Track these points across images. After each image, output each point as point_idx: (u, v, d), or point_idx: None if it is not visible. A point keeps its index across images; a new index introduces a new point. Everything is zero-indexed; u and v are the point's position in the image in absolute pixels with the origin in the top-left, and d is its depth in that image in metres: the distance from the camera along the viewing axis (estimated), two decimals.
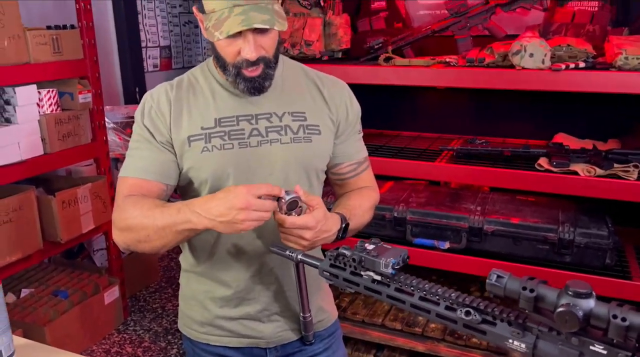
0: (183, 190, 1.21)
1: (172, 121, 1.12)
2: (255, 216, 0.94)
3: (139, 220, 1.03)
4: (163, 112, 1.13)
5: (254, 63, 1.06)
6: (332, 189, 1.37)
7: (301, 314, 1.17)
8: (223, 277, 1.20)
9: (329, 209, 1.11)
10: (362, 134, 1.31)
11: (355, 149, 1.29)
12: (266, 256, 1.18)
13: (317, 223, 1.01)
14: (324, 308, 1.32)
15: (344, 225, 1.11)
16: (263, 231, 1.14)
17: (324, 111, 1.21)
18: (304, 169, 1.18)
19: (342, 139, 1.25)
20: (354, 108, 1.26)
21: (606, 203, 2.07)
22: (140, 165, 1.12)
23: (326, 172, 1.28)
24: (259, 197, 0.96)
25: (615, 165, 1.96)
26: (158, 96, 1.15)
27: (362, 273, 0.86)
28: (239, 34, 1.02)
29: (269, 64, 1.09)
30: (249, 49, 1.04)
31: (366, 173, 1.32)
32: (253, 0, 1.01)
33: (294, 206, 1.00)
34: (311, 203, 1.03)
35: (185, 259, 1.27)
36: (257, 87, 1.10)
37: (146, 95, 1.17)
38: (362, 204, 1.23)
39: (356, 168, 1.29)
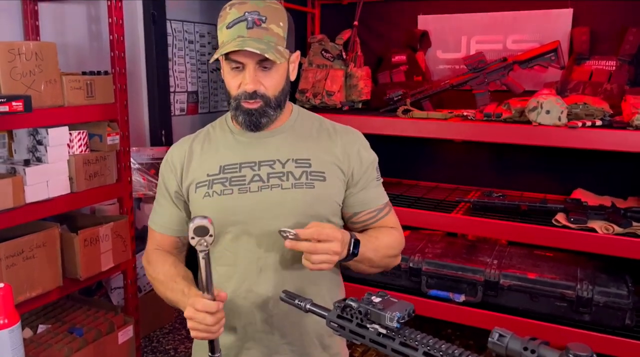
0: None
1: (184, 171, 1.21)
2: (200, 327, 1.02)
3: (158, 284, 1.21)
4: (175, 164, 1.23)
5: (251, 96, 1.10)
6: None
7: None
8: (230, 322, 1.19)
9: None
10: (380, 181, 1.28)
11: (373, 196, 1.26)
12: (270, 305, 1.18)
13: (338, 232, 1.03)
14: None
15: (353, 239, 1.09)
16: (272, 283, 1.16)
17: (332, 160, 1.20)
18: (305, 216, 1.15)
19: (359, 188, 1.23)
20: (368, 156, 1.25)
21: (626, 261, 2.04)
22: (161, 222, 1.26)
23: (345, 223, 1.26)
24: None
25: (634, 223, 1.94)
26: (174, 149, 1.26)
27: (368, 326, 0.87)
28: (243, 67, 1.09)
29: (269, 103, 1.13)
30: (247, 79, 1.09)
31: (387, 218, 1.28)
32: (257, 35, 1.07)
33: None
34: (311, 228, 1.04)
35: None
36: (253, 121, 1.13)
37: (170, 149, 1.28)
38: (379, 236, 1.20)
39: (376, 215, 1.26)
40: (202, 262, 1.00)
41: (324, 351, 1.25)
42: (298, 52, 1.20)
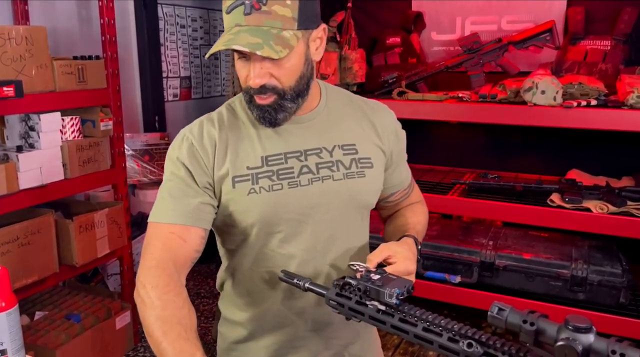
0: (224, 234, 1.11)
1: (216, 161, 1.02)
2: None
3: (152, 322, 0.90)
4: (207, 151, 1.02)
5: (260, 91, 0.97)
6: (378, 213, 1.28)
7: None
8: (274, 324, 1.12)
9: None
10: (406, 157, 1.24)
11: (405, 174, 1.23)
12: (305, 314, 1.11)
13: (413, 263, 0.98)
14: (374, 354, 1.25)
15: (419, 247, 1.06)
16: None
17: (374, 142, 1.12)
18: (358, 206, 1.10)
19: (396, 166, 1.18)
20: (402, 133, 1.20)
21: (620, 240, 2.06)
22: (180, 211, 0.99)
23: (378, 202, 1.21)
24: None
25: (629, 202, 1.95)
26: (200, 133, 1.04)
27: (368, 303, 0.87)
28: (250, 57, 0.95)
29: (283, 96, 0.98)
30: (252, 74, 0.96)
31: (415, 191, 1.26)
32: (256, 22, 0.92)
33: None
34: (384, 257, 0.97)
35: (227, 306, 1.19)
36: (267, 118, 1.00)
37: (185, 132, 1.06)
38: (420, 220, 1.18)
39: (407, 191, 1.24)
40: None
41: (363, 337, 1.22)
42: (323, 27, 1.02)
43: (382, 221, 1.31)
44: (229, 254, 1.14)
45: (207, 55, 0.97)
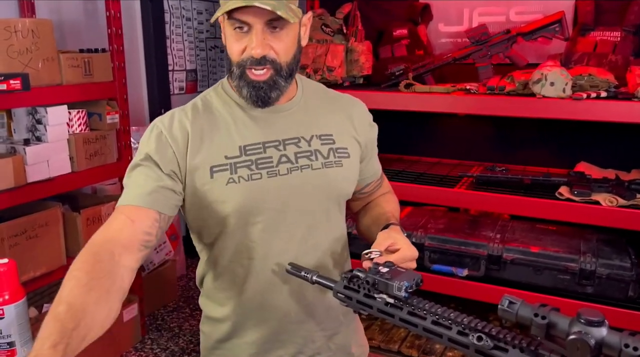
0: (202, 228, 1.09)
1: (189, 150, 1.02)
2: None
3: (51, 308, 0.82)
4: (176, 139, 1.02)
5: (259, 62, 0.96)
6: (349, 205, 1.29)
7: None
8: (257, 318, 1.11)
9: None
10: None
11: (378, 165, 1.27)
12: (300, 299, 1.12)
13: (415, 250, 1.00)
14: (359, 342, 1.27)
15: (405, 234, 1.08)
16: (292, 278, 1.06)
17: (349, 133, 1.15)
18: (336, 195, 1.12)
19: (369, 158, 1.22)
20: (374, 125, 1.24)
21: (629, 234, 2.04)
22: (138, 192, 0.98)
23: (354, 193, 1.24)
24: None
25: (638, 195, 1.93)
26: (170, 122, 1.04)
27: (376, 296, 0.87)
28: (250, 28, 0.95)
29: (279, 71, 0.99)
30: (254, 43, 0.95)
31: (385, 182, 1.32)
32: None
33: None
34: (388, 245, 0.99)
35: (208, 303, 1.18)
36: (260, 96, 1.00)
37: (155, 121, 1.06)
38: (392, 209, 1.20)
39: (380, 182, 1.29)
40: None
41: (347, 326, 1.23)
42: (310, 14, 1.07)
43: (352, 214, 1.31)
44: (207, 248, 1.13)
45: (214, 18, 0.96)
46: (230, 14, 0.95)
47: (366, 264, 0.95)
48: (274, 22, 0.95)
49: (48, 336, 0.76)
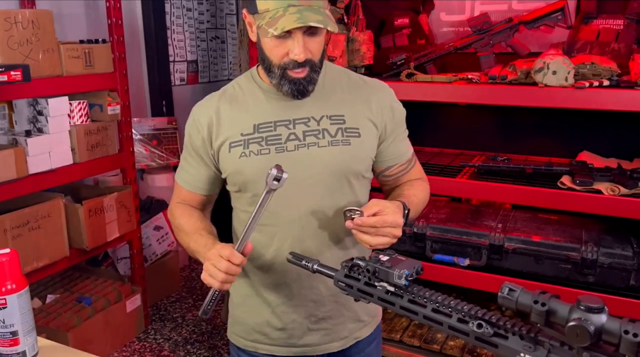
0: (232, 193, 1.26)
1: (214, 130, 1.18)
2: (211, 270, 1.04)
3: (183, 235, 1.22)
4: (202, 123, 1.20)
5: (300, 64, 1.08)
6: (382, 190, 1.35)
7: None
8: (272, 281, 1.22)
9: None
10: (407, 133, 1.31)
11: (404, 149, 1.29)
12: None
13: (400, 216, 1.05)
14: (370, 313, 1.32)
15: (406, 211, 1.11)
16: (314, 239, 1.18)
17: (364, 114, 1.20)
18: (343, 173, 1.18)
19: (391, 141, 1.25)
20: (399, 109, 1.27)
21: (631, 223, 2.03)
22: (188, 179, 1.26)
23: (377, 177, 1.30)
24: None
25: None
26: (200, 108, 1.23)
27: (376, 284, 0.87)
28: (289, 34, 1.05)
29: (315, 68, 1.12)
30: (298, 50, 1.06)
31: (415, 168, 1.32)
32: (307, 2, 1.04)
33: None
34: (375, 211, 1.04)
35: None
36: (300, 90, 1.12)
37: (193, 108, 1.24)
38: (416, 193, 1.23)
39: (406, 167, 1.30)
40: (260, 204, 1.02)
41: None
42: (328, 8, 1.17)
43: (385, 198, 1.35)
44: (235, 210, 1.29)
45: (277, 32, 1.03)
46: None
47: (348, 224, 1.04)
48: (312, 29, 1.06)
49: (205, 242, 1.14)
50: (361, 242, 1.06)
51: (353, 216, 1.03)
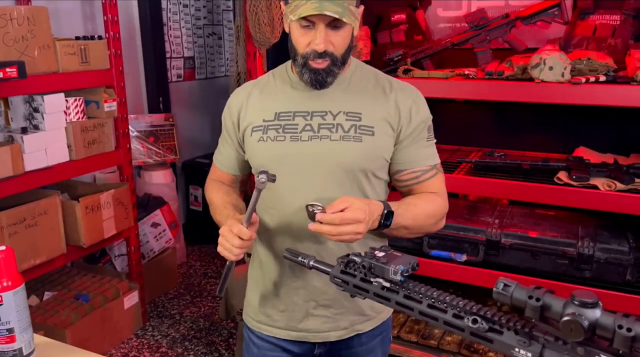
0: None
1: (241, 115, 1.27)
2: (226, 245, 1.11)
3: (213, 208, 1.31)
4: (232, 109, 1.30)
5: (320, 55, 1.12)
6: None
7: None
8: (278, 262, 1.27)
9: None
10: (433, 142, 1.29)
11: (420, 157, 1.25)
12: (321, 247, 1.22)
13: (362, 213, 1.04)
14: (375, 308, 1.32)
15: (386, 211, 1.10)
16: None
17: (382, 114, 1.20)
18: (350, 169, 1.19)
19: (404, 145, 1.23)
20: (420, 114, 1.24)
21: (627, 218, 2.04)
22: (222, 160, 1.37)
23: (391, 180, 1.29)
24: None
25: (637, 180, 1.93)
26: (234, 95, 1.32)
27: (372, 280, 0.87)
28: (313, 25, 1.10)
29: (335, 62, 1.15)
30: (318, 40, 1.11)
31: (432, 181, 1.26)
32: None
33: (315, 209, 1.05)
34: (341, 208, 1.04)
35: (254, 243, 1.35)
36: (319, 80, 1.16)
37: (231, 94, 1.34)
38: (418, 203, 1.21)
39: (419, 176, 1.25)
40: (253, 197, 1.09)
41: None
42: (362, 7, 1.20)
43: None
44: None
45: (287, 21, 1.12)
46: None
47: (311, 227, 1.05)
48: (335, 22, 1.10)
49: (227, 214, 1.21)
50: (325, 237, 1.07)
51: (315, 211, 1.04)
